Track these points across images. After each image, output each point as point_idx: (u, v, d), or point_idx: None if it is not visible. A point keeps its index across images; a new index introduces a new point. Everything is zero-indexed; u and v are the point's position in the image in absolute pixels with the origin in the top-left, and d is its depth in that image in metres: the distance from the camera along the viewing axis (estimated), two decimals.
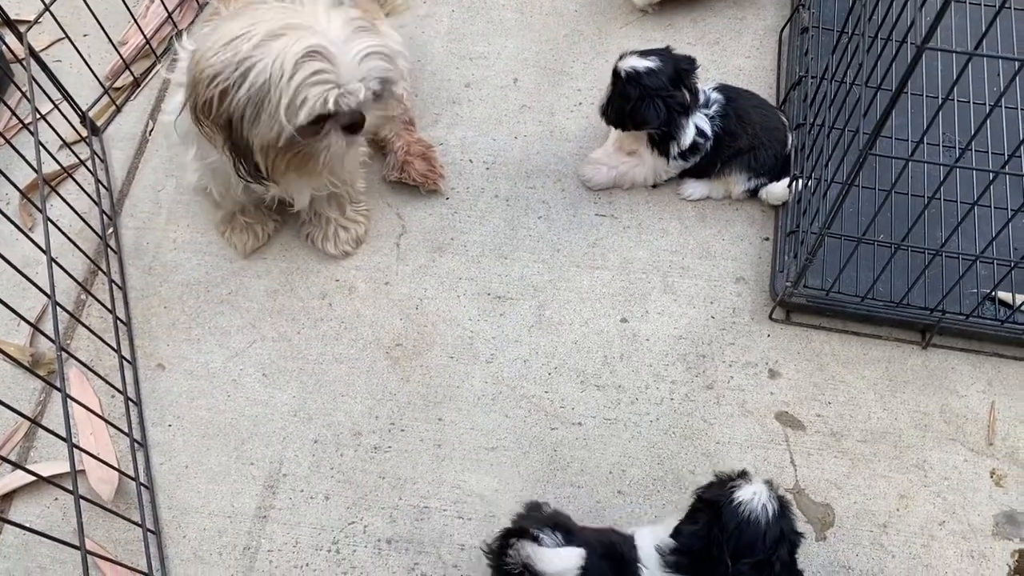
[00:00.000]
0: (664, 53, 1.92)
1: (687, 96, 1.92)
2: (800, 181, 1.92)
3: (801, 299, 1.88)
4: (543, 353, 1.91)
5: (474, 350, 1.92)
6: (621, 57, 1.92)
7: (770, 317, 1.94)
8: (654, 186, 2.12)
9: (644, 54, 1.90)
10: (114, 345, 1.85)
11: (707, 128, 1.96)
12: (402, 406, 1.85)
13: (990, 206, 1.89)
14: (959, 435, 1.80)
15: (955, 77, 1.32)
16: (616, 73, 1.91)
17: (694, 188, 2.09)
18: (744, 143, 1.99)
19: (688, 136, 1.95)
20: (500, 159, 2.18)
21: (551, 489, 1.76)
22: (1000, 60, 2.08)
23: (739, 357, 1.90)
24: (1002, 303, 1.88)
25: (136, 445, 1.79)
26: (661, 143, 1.97)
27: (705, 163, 2.03)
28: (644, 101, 1.89)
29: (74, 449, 1.46)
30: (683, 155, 2.00)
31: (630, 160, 2.07)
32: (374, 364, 1.90)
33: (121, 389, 1.82)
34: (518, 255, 2.04)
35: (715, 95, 1.99)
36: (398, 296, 1.99)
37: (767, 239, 2.04)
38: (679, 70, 1.91)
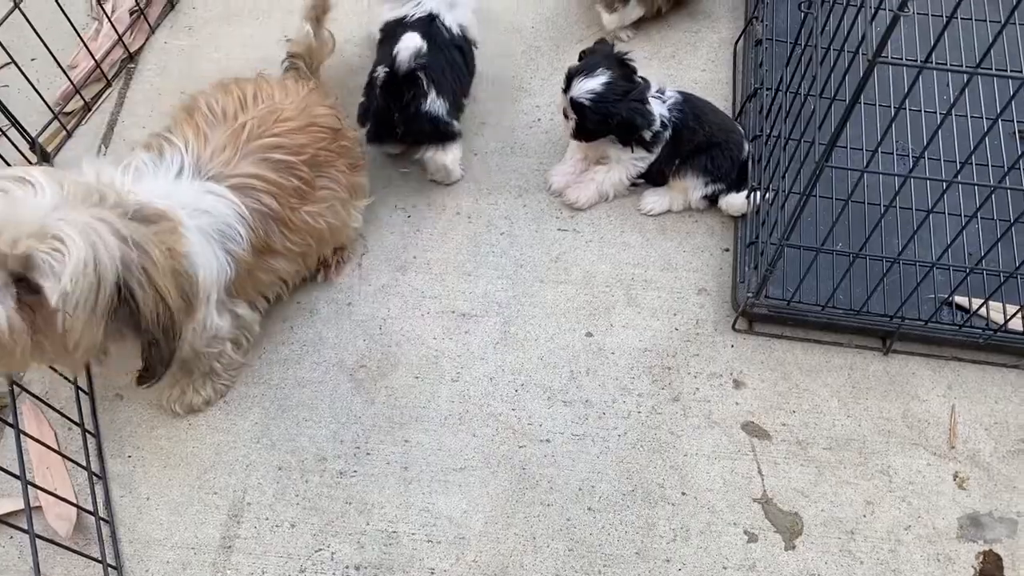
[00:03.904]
0: (602, 57, 1.96)
1: (643, 83, 1.98)
2: (758, 192, 1.94)
3: (763, 309, 1.89)
4: (509, 370, 1.90)
5: (439, 369, 1.90)
6: (569, 82, 1.95)
7: (733, 327, 1.95)
8: (633, 186, 2.13)
9: (588, 71, 1.93)
10: (69, 377, 1.80)
11: (664, 112, 1.99)
12: (367, 429, 1.83)
13: (944, 213, 1.92)
14: (922, 439, 1.83)
15: (907, 88, 1.34)
16: (576, 104, 1.94)
17: (654, 202, 2.10)
18: (702, 138, 2.02)
19: (656, 117, 1.97)
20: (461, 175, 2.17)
21: (521, 508, 1.74)
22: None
23: (704, 368, 1.91)
24: (959, 308, 1.91)
25: (94, 478, 1.74)
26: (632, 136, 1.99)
27: (665, 161, 2.05)
28: (624, 112, 1.93)
29: (28, 486, 1.42)
30: (649, 144, 2.01)
31: (602, 168, 2.08)
32: (338, 387, 1.88)
33: (78, 421, 1.78)
34: (481, 272, 2.03)
35: (671, 91, 2.04)
36: (361, 317, 1.96)
37: (727, 250, 2.05)
38: (621, 62, 1.98)
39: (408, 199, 2.12)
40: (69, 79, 2.19)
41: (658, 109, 1.99)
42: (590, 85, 1.92)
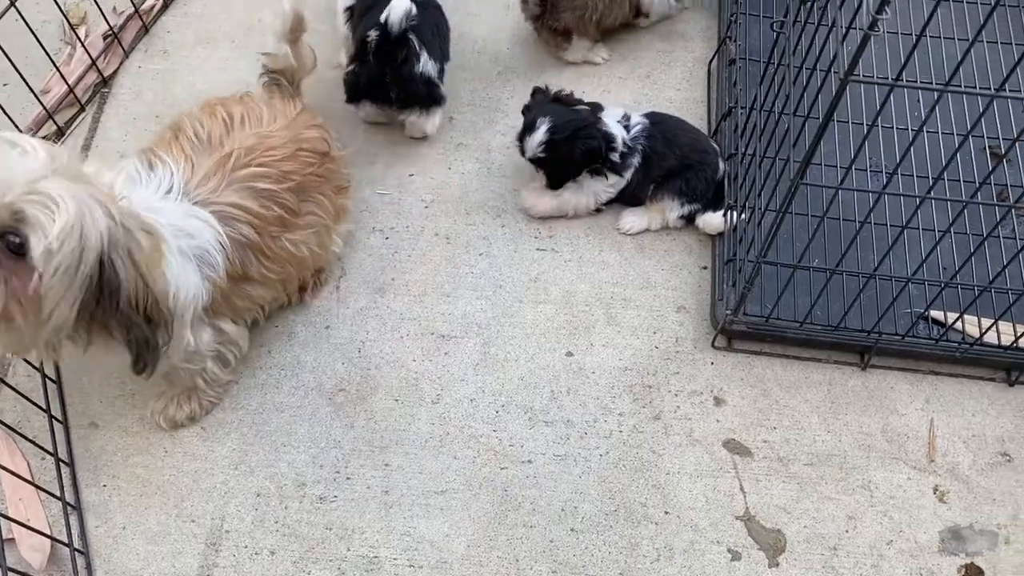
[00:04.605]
0: (539, 107, 2.01)
1: (588, 109, 2.03)
2: (734, 211, 1.95)
3: (742, 326, 1.90)
4: (490, 391, 1.89)
5: (419, 391, 1.89)
6: (523, 143, 2.00)
7: (712, 345, 1.96)
8: (597, 210, 2.13)
9: (531, 129, 1.98)
10: (43, 405, 1.77)
11: (626, 136, 2.02)
12: (347, 453, 1.81)
13: (919, 228, 1.94)
14: (901, 453, 1.83)
15: (879, 106, 1.35)
16: (536, 160, 2.00)
17: (632, 221, 2.11)
18: (674, 162, 2.04)
19: (616, 135, 2.00)
20: (439, 197, 2.17)
21: (503, 531, 1.73)
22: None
23: (684, 386, 1.91)
24: (935, 322, 1.92)
25: (69, 508, 1.71)
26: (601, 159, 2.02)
27: (638, 186, 2.07)
28: (581, 145, 1.97)
29: (1, 518, 1.39)
30: (617, 168, 2.03)
31: (574, 187, 2.09)
32: (316, 411, 1.86)
33: (51, 450, 1.74)
34: (461, 292, 2.03)
35: (637, 117, 2.06)
36: (339, 340, 1.95)
37: (705, 268, 2.06)
38: (559, 99, 2.03)
39: (386, 221, 2.12)
40: (42, 104, 2.17)
41: (619, 133, 2.01)
42: (538, 139, 1.97)
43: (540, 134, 1.97)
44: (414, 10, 1.95)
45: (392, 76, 2.04)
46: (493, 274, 2.06)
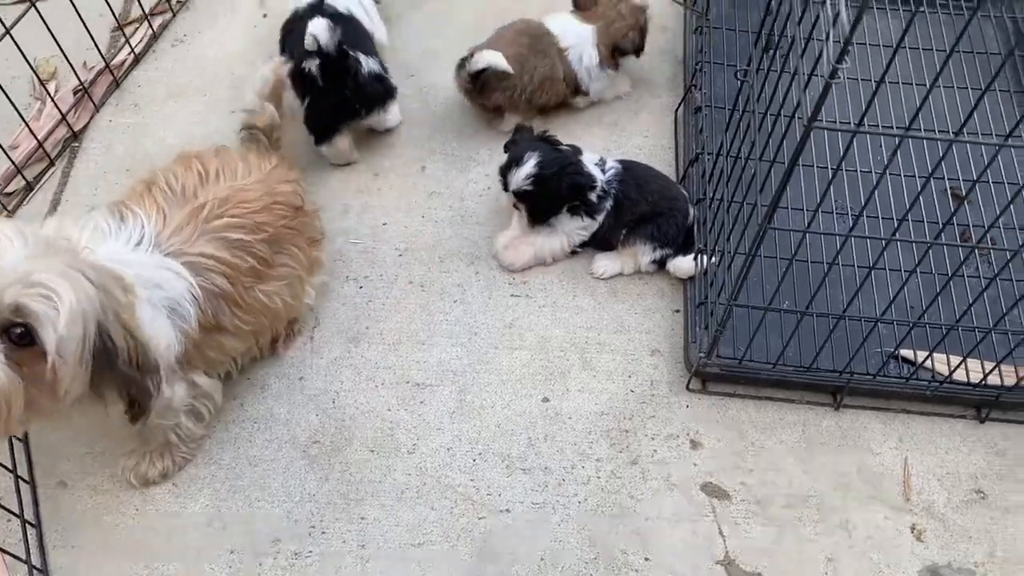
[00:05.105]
0: (525, 143, 2.04)
1: (570, 149, 2.07)
2: (705, 255, 1.97)
3: (715, 368, 1.91)
4: (466, 439, 1.88)
5: (395, 441, 1.87)
6: (505, 178, 2.02)
7: (687, 387, 1.96)
8: (573, 252, 2.15)
9: (518, 162, 2.01)
10: (9, 465, 1.74)
11: (603, 179, 2.06)
12: (322, 507, 1.78)
13: (885, 269, 1.97)
14: (878, 493, 1.84)
15: (843, 151, 1.39)
16: (520, 194, 2.01)
17: (605, 266, 2.13)
18: (645, 208, 2.07)
19: (596, 176, 2.04)
20: (412, 245, 2.17)
21: None
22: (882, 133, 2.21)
23: (661, 430, 1.91)
24: (905, 360, 1.95)
25: (36, 572, 1.67)
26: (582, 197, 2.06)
27: (609, 231, 2.09)
28: (567, 180, 2.01)
29: None
30: (593, 209, 2.06)
31: (545, 233, 2.11)
32: (291, 464, 1.84)
33: (17, 512, 1.70)
34: (435, 340, 2.02)
35: (612, 162, 2.10)
36: (313, 391, 1.93)
37: (678, 311, 2.08)
38: (545, 139, 2.07)
39: (360, 270, 2.12)
40: (10, 159, 2.16)
41: (597, 174, 2.05)
42: (525, 171, 1.99)
43: (528, 167, 1.99)
44: (331, 23, 2.01)
45: (348, 90, 2.09)
46: (468, 321, 2.06)
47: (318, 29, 1.98)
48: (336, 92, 2.09)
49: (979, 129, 2.22)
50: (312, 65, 2.03)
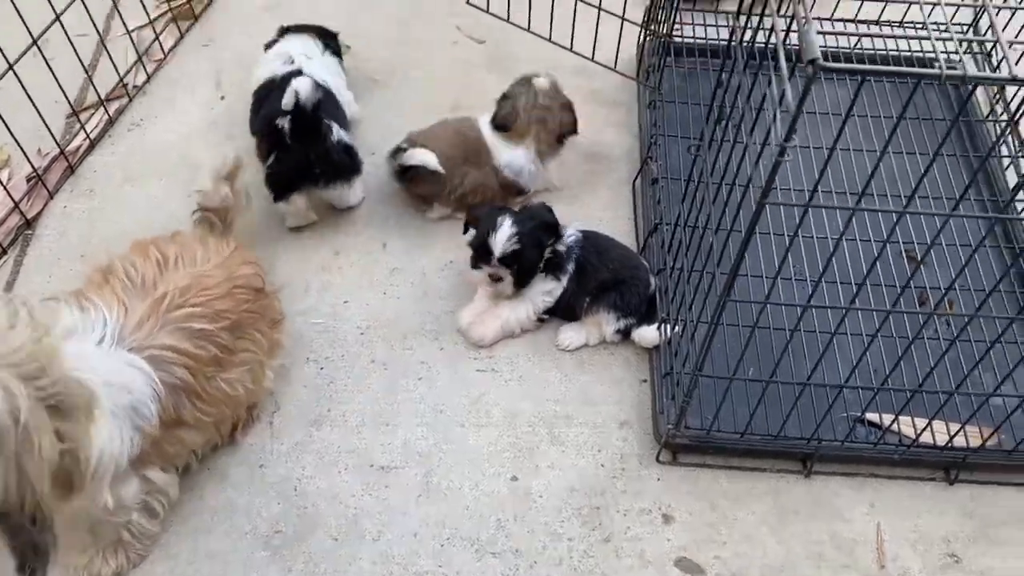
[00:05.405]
0: (492, 212, 2.04)
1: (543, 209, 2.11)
2: (668, 325, 1.97)
3: (684, 439, 1.89)
4: (434, 523, 1.83)
5: (360, 528, 1.82)
6: (484, 249, 2.01)
7: (657, 460, 1.94)
8: (540, 320, 2.14)
9: (494, 227, 2.00)
10: None
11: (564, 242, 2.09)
12: None
13: (847, 334, 1.98)
14: (852, 561, 1.82)
15: (798, 222, 1.40)
16: (508, 255, 2.00)
17: (570, 337, 2.12)
18: (607, 276, 2.08)
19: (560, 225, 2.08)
20: (374, 323, 2.15)
21: None
22: (836, 195, 2.26)
23: (632, 504, 1.88)
24: (872, 424, 1.95)
25: None
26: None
27: (573, 297, 2.09)
28: (545, 233, 2.04)
29: None
30: (559, 266, 2.08)
31: (510, 303, 2.10)
32: (252, 556, 1.77)
33: None
34: (400, 420, 1.99)
35: (571, 229, 2.12)
36: (274, 478, 1.88)
37: (645, 381, 2.07)
38: (498, 207, 2.10)
39: (320, 351, 2.09)
40: None
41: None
42: (507, 233, 1.99)
43: (507, 228, 1.99)
44: (316, 82, 2.03)
45: (315, 153, 2.09)
46: (433, 399, 2.03)
47: (302, 85, 2.00)
48: (302, 152, 2.10)
49: (930, 193, 2.27)
50: (284, 122, 2.04)
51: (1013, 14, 2.13)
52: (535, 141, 2.29)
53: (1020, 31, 2.39)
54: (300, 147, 2.09)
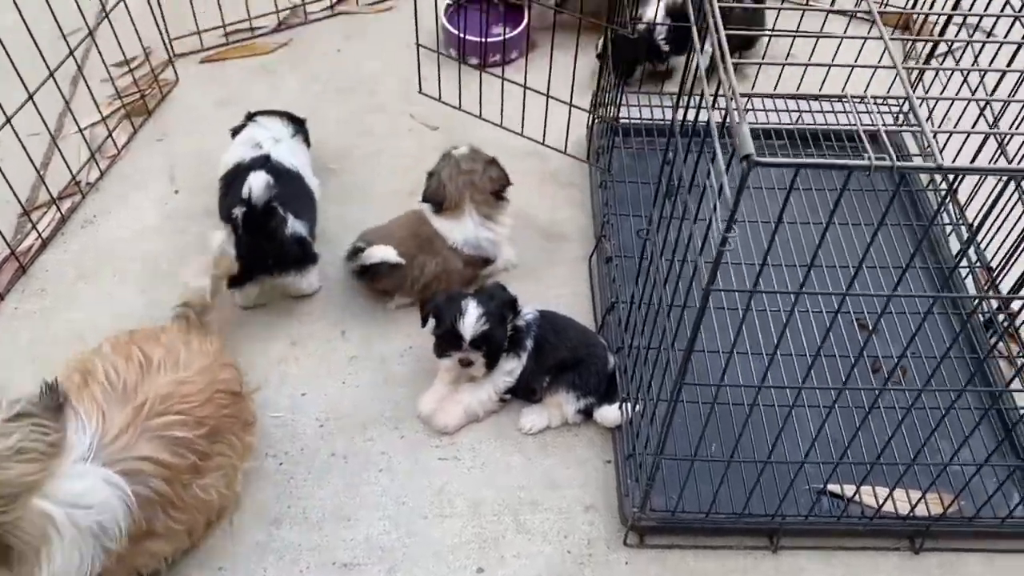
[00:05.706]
0: (452, 298, 2.05)
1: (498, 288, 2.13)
2: (629, 404, 1.98)
3: (651, 521, 1.88)
4: None
5: None
6: (453, 336, 2.00)
7: (625, 543, 1.92)
8: (502, 400, 2.12)
9: (460, 311, 2.00)
10: None
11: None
12: None
13: (805, 406, 1.99)
14: None
15: (745, 305, 1.42)
16: (479, 337, 1.99)
17: (532, 420, 2.11)
18: (565, 354, 2.09)
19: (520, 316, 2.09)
20: (334, 414, 2.13)
21: None
22: (786, 268, 2.30)
23: None
24: (835, 496, 1.95)
25: None
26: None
27: (532, 376, 2.09)
28: (507, 310, 2.06)
29: None
30: (518, 343, 2.08)
31: (471, 385, 2.09)
32: None
33: None
34: (362, 514, 1.95)
35: (527, 308, 2.13)
36: None
37: (609, 461, 2.06)
38: (453, 294, 2.11)
39: (279, 445, 2.05)
40: None
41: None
42: (474, 314, 1.99)
43: (474, 310, 1.98)
44: (272, 180, 2.06)
45: (266, 243, 2.11)
46: (395, 491, 1.99)
47: (256, 182, 2.04)
48: (255, 245, 2.11)
49: (877, 263, 2.32)
50: (239, 212, 2.07)
51: (936, 102, 2.21)
52: (474, 206, 2.29)
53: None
54: (251, 238, 2.11)
